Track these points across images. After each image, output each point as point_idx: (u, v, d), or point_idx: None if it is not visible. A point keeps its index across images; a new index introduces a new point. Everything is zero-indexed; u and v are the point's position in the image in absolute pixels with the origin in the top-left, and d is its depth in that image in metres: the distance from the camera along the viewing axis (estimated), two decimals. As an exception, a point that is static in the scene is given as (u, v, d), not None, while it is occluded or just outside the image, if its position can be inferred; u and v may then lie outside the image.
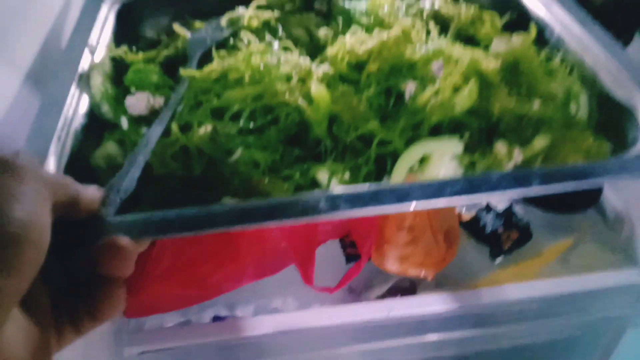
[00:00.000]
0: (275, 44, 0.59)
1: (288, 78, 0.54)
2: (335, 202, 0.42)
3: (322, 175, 0.49)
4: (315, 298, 0.79)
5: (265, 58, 0.54)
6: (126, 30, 0.71)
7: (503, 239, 0.89)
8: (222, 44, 0.62)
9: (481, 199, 0.42)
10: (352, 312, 0.77)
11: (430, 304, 0.81)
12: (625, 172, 0.45)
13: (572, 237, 0.90)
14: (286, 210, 0.41)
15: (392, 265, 0.83)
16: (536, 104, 0.54)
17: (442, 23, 0.67)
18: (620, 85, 0.55)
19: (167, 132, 0.51)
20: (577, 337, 0.88)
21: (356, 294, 0.89)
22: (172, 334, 0.75)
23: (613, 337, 0.88)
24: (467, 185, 0.43)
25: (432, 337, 0.78)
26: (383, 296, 0.87)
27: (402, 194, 0.42)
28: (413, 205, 0.42)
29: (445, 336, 0.79)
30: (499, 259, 0.88)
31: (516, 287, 0.82)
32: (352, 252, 0.88)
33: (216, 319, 0.81)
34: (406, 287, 0.89)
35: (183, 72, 0.54)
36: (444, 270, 0.84)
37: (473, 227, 0.89)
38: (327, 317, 0.76)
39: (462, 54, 0.55)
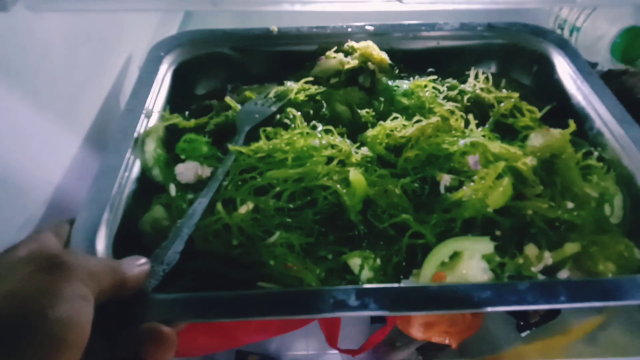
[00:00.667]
0: (319, 127, 0.62)
1: (328, 161, 0.57)
2: (364, 301, 0.44)
3: (353, 261, 0.51)
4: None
5: (309, 141, 0.57)
6: (181, 89, 0.75)
7: (531, 312, 0.88)
8: (269, 118, 0.65)
9: (506, 309, 0.44)
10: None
11: (450, 372, 0.81)
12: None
13: (603, 316, 0.88)
14: (315, 304, 0.44)
15: (417, 331, 0.83)
16: (569, 206, 0.55)
17: (482, 108, 0.69)
18: (656, 191, 0.55)
19: (211, 206, 0.54)
20: None
21: (379, 355, 0.90)
22: None
23: None
24: (493, 295, 0.44)
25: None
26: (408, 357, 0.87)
27: (429, 297, 0.44)
28: (438, 312, 0.43)
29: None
30: (525, 332, 0.88)
31: (539, 363, 0.81)
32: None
33: (239, 354, 0.83)
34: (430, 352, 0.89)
35: (231, 147, 0.58)
36: (468, 339, 0.84)
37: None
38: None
39: (499, 148, 0.57)
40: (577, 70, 0.73)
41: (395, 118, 0.63)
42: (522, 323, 0.86)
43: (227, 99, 0.65)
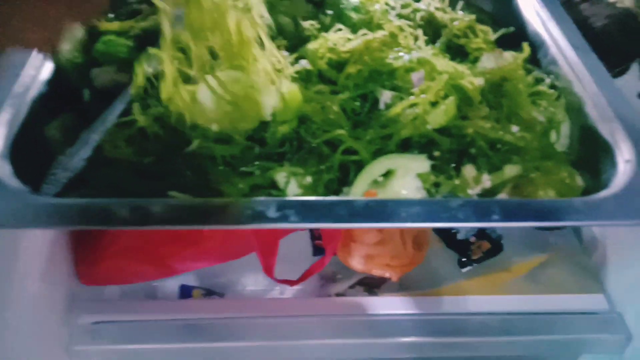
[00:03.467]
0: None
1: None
2: (285, 213, 0.40)
3: (281, 176, 0.47)
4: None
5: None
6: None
7: (474, 248, 0.88)
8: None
9: (435, 225, 0.41)
10: (314, 306, 0.76)
11: (390, 306, 0.80)
12: (591, 217, 0.43)
13: (544, 254, 0.89)
14: (231, 215, 0.40)
15: (357, 263, 0.82)
16: (514, 129, 0.52)
17: (435, 28, 0.64)
18: (605, 119, 0.53)
19: (127, 114, 0.49)
20: (530, 358, 0.88)
21: (321, 284, 0.88)
22: (133, 306, 0.73)
23: (566, 360, 0.88)
24: (423, 210, 0.41)
25: (389, 340, 0.77)
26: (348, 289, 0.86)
27: (354, 212, 0.41)
28: (363, 225, 0.40)
29: (402, 340, 0.78)
30: (466, 268, 0.87)
31: (480, 299, 0.81)
32: (319, 245, 0.87)
33: (183, 287, 0.80)
34: (370, 283, 0.88)
35: (152, 50, 0.52)
36: (409, 273, 0.83)
37: (445, 231, 0.87)
38: (290, 308, 0.75)
39: (446, 66, 0.53)
40: (537, -4, 0.69)
41: (340, 30, 0.58)
42: (464, 259, 0.86)
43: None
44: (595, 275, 0.87)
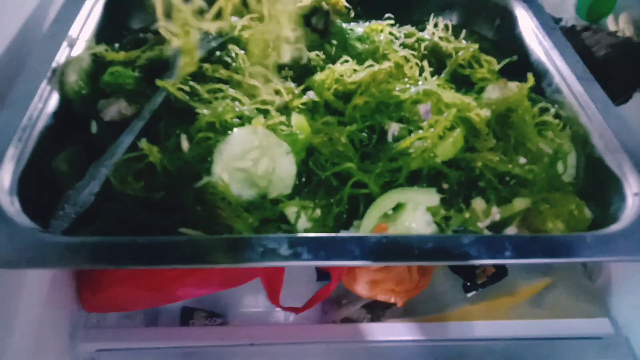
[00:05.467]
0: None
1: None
2: (297, 251, 0.40)
3: (290, 210, 0.47)
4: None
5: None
6: (113, 22, 0.68)
7: (478, 272, 0.88)
8: (209, 55, 0.59)
9: (448, 264, 0.41)
10: (319, 332, 0.76)
11: (395, 332, 0.79)
12: (602, 253, 0.43)
13: (548, 278, 0.88)
14: (243, 253, 0.40)
15: (362, 289, 0.82)
16: (521, 161, 0.52)
17: (439, 58, 0.65)
18: (612, 151, 0.53)
19: (135, 148, 0.49)
20: (535, 383, 0.87)
21: (325, 310, 0.88)
22: (136, 333, 0.73)
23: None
24: (435, 247, 0.41)
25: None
26: (353, 315, 0.86)
27: (367, 249, 0.41)
28: (376, 263, 0.40)
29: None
30: (472, 293, 0.87)
31: (484, 324, 0.81)
32: (324, 270, 0.86)
33: (185, 310, 0.80)
34: (369, 316, 0.87)
35: (158, 82, 0.52)
36: (414, 298, 0.82)
37: (450, 256, 0.87)
38: (294, 334, 0.75)
39: (453, 98, 0.53)
40: (540, 25, 0.69)
41: (346, 62, 0.58)
42: (468, 284, 0.85)
43: (162, 29, 0.59)
44: (600, 299, 0.87)
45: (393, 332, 0.80)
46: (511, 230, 0.50)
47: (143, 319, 0.76)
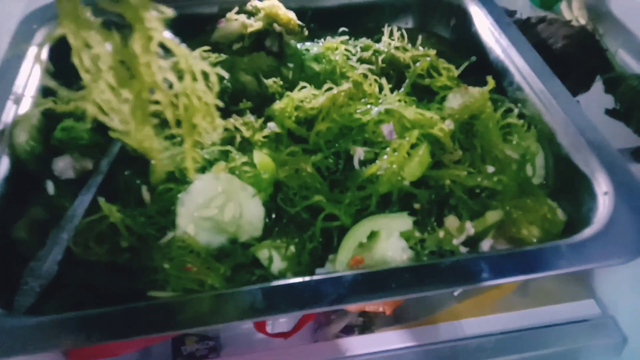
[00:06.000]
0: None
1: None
2: (272, 302, 0.39)
3: (262, 253, 0.46)
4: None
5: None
6: (61, 67, 0.65)
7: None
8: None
9: (427, 294, 0.40)
10: (312, 352, 0.75)
11: (387, 341, 0.79)
12: (578, 261, 0.43)
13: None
14: (217, 312, 0.38)
15: (350, 303, 0.81)
16: (490, 170, 0.52)
17: (398, 69, 0.64)
18: (578, 149, 0.53)
19: (95, 204, 0.47)
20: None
21: (315, 329, 0.87)
22: None
23: (565, 371, 0.88)
24: (411, 279, 0.41)
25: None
26: (342, 331, 0.85)
27: (343, 290, 0.40)
28: (355, 303, 0.39)
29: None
30: (458, 291, 0.87)
31: (474, 321, 0.81)
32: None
33: (175, 338, 0.78)
34: (360, 324, 0.87)
35: (113, 134, 0.50)
36: (403, 304, 0.82)
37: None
38: (287, 358, 0.74)
39: (414, 115, 0.52)
40: (495, 22, 0.69)
41: (304, 87, 0.57)
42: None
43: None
44: (584, 281, 0.88)
45: (385, 341, 0.79)
46: (487, 242, 0.50)
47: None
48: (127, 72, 0.36)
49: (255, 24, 0.66)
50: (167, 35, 0.35)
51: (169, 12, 0.35)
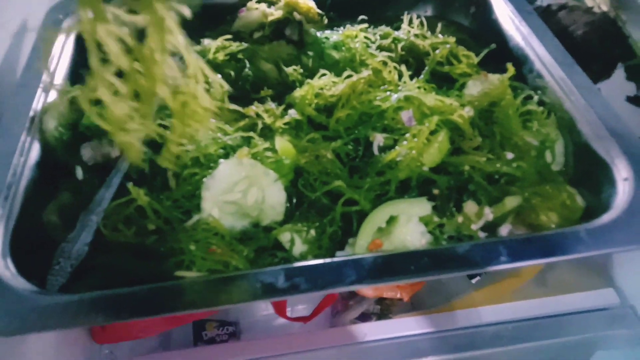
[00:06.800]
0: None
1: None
2: (294, 282, 0.40)
3: (284, 236, 0.47)
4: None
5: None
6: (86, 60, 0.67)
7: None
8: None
9: (445, 276, 0.41)
10: (330, 337, 0.76)
11: (405, 327, 0.80)
12: (597, 246, 0.43)
13: (550, 256, 0.89)
14: (241, 290, 0.40)
15: (368, 289, 0.82)
16: (509, 156, 0.52)
17: (417, 57, 0.64)
18: (598, 136, 0.53)
19: (122, 189, 0.49)
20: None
21: (334, 314, 0.88)
22: None
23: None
24: (430, 262, 0.41)
25: (408, 360, 0.77)
26: (359, 318, 0.86)
27: (363, 272, 0.41)
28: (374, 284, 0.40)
29: (422, 360, 0.78)
30: (475, 279, 0.88)
31: (492, 309, 0.81)
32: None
33: (196, 322, 0.80)
34: (377, 312, 0.88)
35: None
36: (420, 291, 0.83)
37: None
38: (306, 342, 0.75)
39: (434, 102, 0.53)
40: (516, 9, 0.69)
41: (324, 75, 0.58)
42: (471, 269, 0.85)
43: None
44: (603, 270, 0.87)
45: (402, 327, 0.80)
46: (506, 228, 0.50)
47: (156, 343, 0.77)
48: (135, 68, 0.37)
49: (275, 13, 0.67)
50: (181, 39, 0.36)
51: (187, 12, 0.36)
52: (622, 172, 0.50)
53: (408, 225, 0.47)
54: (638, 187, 0.48)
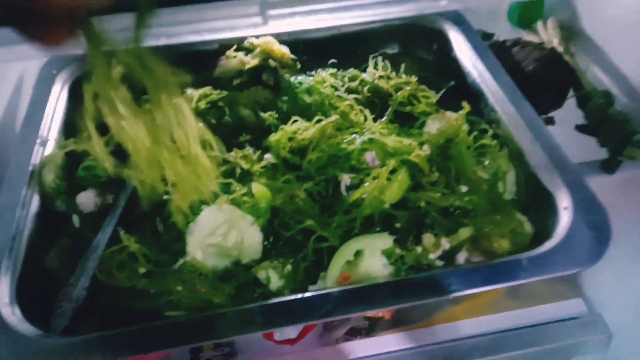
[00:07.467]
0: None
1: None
2: (270, 318, 0.46)
3: (261, 274, 0.53)
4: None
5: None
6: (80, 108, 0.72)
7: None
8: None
9: (402, 306, 0.47)
10: (320, 356, 0.81)
11: (387, 344, 0.85)
12: (537, 273, 0.49)
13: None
14: (223, 327, 0.45)
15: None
16: (464, 190, 0.58)
17: (382, 98, 0.70)
18: (543, 167, 0.59)
19: (116, 235, 0.54)
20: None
21: (322, 332, 0.93)
22: None
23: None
24: (389, 293, 0.47)
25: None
26: (344, 336, 0.91)
27: (330, 305, 0.46)
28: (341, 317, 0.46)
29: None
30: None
31: (469, 322, 0.87)
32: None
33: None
34: (365, 327, 0.93)
35: (126, 173, 0.57)
36: (401, 309, 0.88)
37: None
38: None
39: (394, 143, 0.59)
40: (473, 47, 0.75)
41: (295, 121, 0.64)
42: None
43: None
44: (572, 280, 0.93)
45: (385, 344, 0.85)
46: (462, 256, 0.56)
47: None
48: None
49: (252, 61, 0.73)
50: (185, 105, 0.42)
51: (188, 79, 0.42)
52: (563, 201, 0.56)
53: (372, 258, 0.53)
54: (576, 216, 0.54)
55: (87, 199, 0.59)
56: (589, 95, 0.70)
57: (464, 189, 0.59)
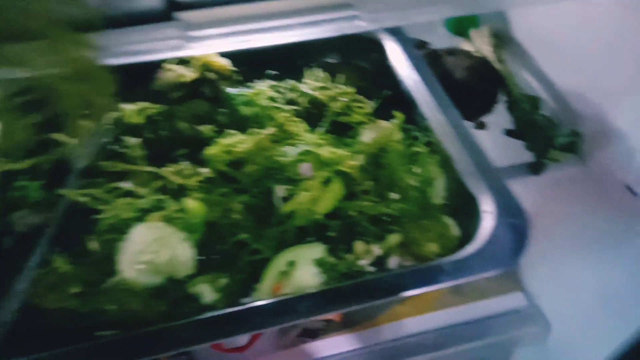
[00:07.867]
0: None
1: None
2: (200, 334, 0.47)
3: (195, 288, 0.54)
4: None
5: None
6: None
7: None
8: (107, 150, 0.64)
9: (332, 314, 0.48)
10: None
11: (337, 346, 0.87)
12: (459, 276, 0.51)
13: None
14: (156, 344, 0.46)
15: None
16: (395, 197, 0.60)
17: (320, 108, 0.72)
18: (469, 174, 0.62)
19: (48, 255, 0.54)
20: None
21: (277, 337, 0.94)
22: None
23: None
24: (315, 303, 0.49)
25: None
26: (300, 337, 0.92)
27: (261, 317, 0.48)
28: (271, 328, 0.47)
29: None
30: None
31: (414, 320, 0.89)
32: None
33: None
34: (318, 328, 0.94)
35: (61, 192, 0.57)
36: (350, 311, 0.89)
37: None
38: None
39: (328, 154, 0.61)
40: (407, 57, 0.77)
41: (231, 135, 0.65)
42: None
43: (56, 134, 0.63)
44: (512, 275, 0.96)
45: (336, 345, 0.87)
46: (394, 260, 0.58)
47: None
48: None
49: (191, 74, 0.73)
50: None
51: None
52: (485, 205, 0.58)
53: (304, 268, 0.54)
54: (498, 220, 0.57)
55: (19, 220, 0.58)
56: (516, 101, 0.73)
57: (395, 196, 0.61)
